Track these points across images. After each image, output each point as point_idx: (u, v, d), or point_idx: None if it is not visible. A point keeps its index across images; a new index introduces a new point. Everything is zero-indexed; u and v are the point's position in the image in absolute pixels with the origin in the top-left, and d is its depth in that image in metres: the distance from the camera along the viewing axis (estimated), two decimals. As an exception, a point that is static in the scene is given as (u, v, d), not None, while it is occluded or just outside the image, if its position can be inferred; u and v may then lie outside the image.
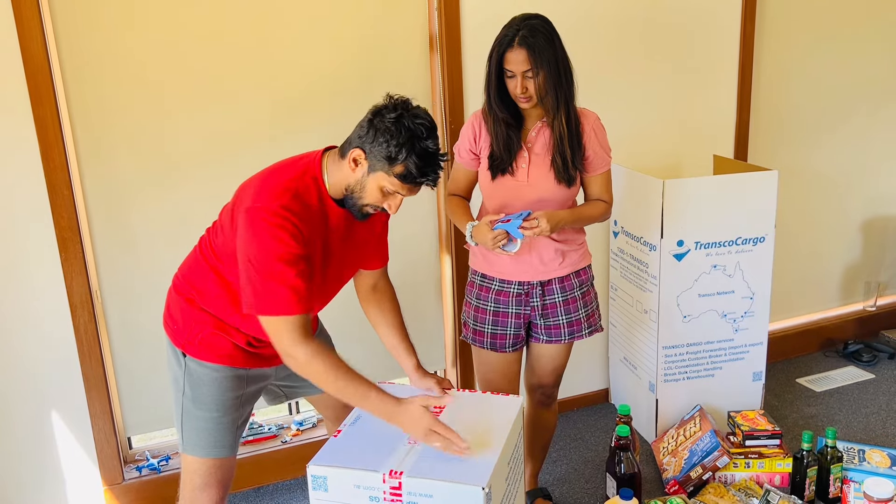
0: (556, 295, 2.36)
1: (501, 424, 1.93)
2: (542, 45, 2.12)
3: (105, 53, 2.45)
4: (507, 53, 2.14)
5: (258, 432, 2.95)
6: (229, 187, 2.48)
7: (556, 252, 2.33)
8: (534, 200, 2.26)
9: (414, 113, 1.75)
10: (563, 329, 2.39)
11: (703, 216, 2.87)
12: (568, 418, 3.31)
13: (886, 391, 3.45)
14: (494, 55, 2.17)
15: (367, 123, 1.76)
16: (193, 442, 1.96)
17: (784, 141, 3.55)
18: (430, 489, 1.69)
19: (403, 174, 1.74)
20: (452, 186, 2.38)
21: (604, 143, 2.32)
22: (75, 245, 2.49)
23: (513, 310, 2.37)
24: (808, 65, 3.51)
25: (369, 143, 1.75)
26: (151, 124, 2.54)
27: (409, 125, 1.72)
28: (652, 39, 3.12)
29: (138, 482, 2.75)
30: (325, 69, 2.69)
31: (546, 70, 2.13)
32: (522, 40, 2.11)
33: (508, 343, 2.40)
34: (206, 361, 1.93)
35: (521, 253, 2.24)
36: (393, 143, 1.72)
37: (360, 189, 1.79)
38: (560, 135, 2.22)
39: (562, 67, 2.16)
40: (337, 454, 1.81)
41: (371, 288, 2.12)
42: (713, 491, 2.64)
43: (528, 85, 2.15)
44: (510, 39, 2.13)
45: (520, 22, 2.15)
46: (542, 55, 2.11)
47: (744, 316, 3.01)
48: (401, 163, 1.73)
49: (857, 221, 3.84)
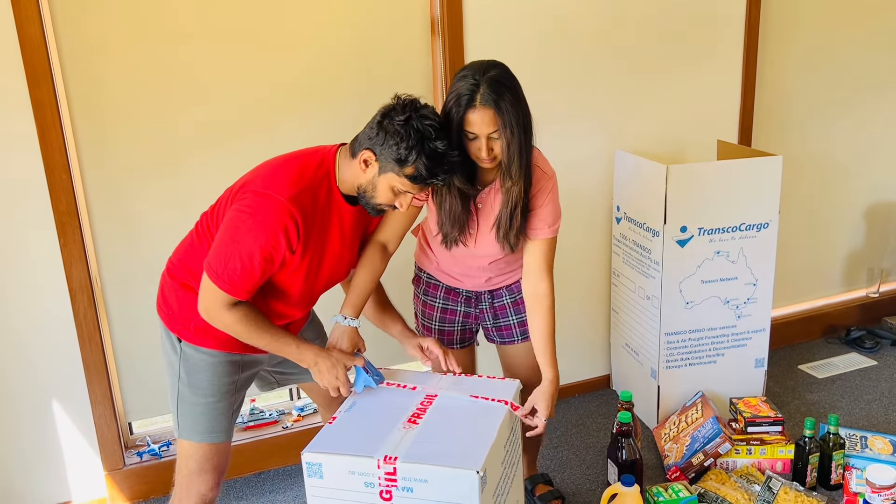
0: (505, 297, 2.32)
1: (497, 408, 1.92)
2: (508, 102, 1.87)
3: (103, 35, 2.43)
4: (468, 114, 1.87)
5: (259, 418, 2.95)
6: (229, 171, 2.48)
7: (505, 268, 2.26)
8: (479, 265, 2.19)
9: (423, 114, 1.76)
10: (515, 329, 2.35)
11: (707, 202, 2.85)
12: (569, 404, 3.30)
13: (889, 378, 3.43)
14: (455, 117, 1.88)
15: (377, 125, 1.78)
16: (189, 427, 1.97)
17: (788, 127, 3.53)
18: (425, 474, 1.69)
19: (414, 175, 1.77)
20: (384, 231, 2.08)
21: (557, 210, 2.11)
22: (74, 230, 2.48)
23: (461, 308, 2.33)
24: (813, 50, 3.48)
25: (379, 145, 1.77)
26: (151, 109, 2.53)
27: (418, 127, 1.74)
28: (656, 25, 3.09)
29: (139, 467, 2.76)
30: (325, 54, 2.67)
31: (514, 131, 1.89)
32: (486, 99, 1.85)
33: (456, 339, 2.37)
34: (203, 347, 1.93)
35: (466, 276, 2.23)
36: (403, 146, 1.74)
37: (372, 189, 1.82)
38: (514, 202, 2.00)
39: (528, 126, 1.93)
40: (331, 441, 1.80)
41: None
42: (715, 477, 2.63)
43: (493, 146, 1.91)
44: (470, 98, 1.86)
45: (479, 74, 1.88)
46: (509, 114, 1.87)
47: (746, 302, 3.00)
48: (411, 164, 1.76)
49: (861, 208, 3.81)
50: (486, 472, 1.69)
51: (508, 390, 2.00)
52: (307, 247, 1.83)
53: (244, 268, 1.76)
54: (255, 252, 1.75)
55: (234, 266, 1.76)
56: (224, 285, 1.78)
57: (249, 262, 1.76)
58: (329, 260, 1.92)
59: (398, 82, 2.77)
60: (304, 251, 1.83)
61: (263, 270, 1.79)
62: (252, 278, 1.79)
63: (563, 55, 2.97)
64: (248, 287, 1.80)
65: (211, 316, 1.83)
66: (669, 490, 2.49)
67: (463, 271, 2.25)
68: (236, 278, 1.77)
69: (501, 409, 1.92)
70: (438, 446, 1.75)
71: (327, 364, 1.94)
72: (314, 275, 1.91)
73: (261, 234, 1.74)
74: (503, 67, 1.93)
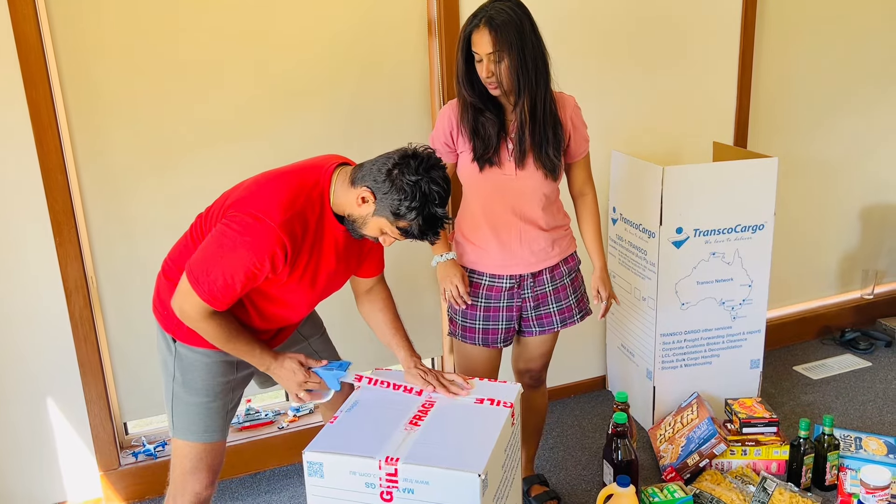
0: (547, 285, 2.34)
1: (499, 411, 1.92)
2: (507, 26, 2.04)
3: (101, 36, 2.42)
4: (472, 34, 2.08)
5: (255, 418, 2.94)
6: (226, 171, 2.48)
7: (547, 241, 2.31)
8: (520, 193, 2.23)
9: (433, 177, 1.76)
10: (555, 317, 2.38)
11: (703, 203, 2.86)
12: (565, 405, 3.31)
13: (883, 379, 3.45)
14: (462, 36, 2.12)
15: (386, 174, 1.76)
16: (184, 427, 1.96)
17: (784, 128, 3.54)
18: (427, 476, 1.68)
19: (405, 229, 1.80)
20: None
21: (582, 128, 2.28)
22: (70, 230, 2.47)
23: (504, 303, 2.34)
24: (809, 52, 3.49)
25: (383, 192, 1.76)
26: (148, 108, 2.52)
27: (425, 190, 1.75)
28: (652, 25, 3.09)
29: (134, 468, 2.75)
30: (322, 54, 2.67)
31: (511, 53, 2.05)
32: (488, 21, 2.05)
33: (500, 338, 2.37)
34: (197, 346, 1.93)
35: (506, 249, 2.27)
36: (405, 203, 1.75)
37: (362, 223, 1.83)
38: (522, 122, 2.15)
39: (529, 52, 2.08)
40: (333, 441, 1.80)
41: (366, 291, 2.14)
42: (710, 478, 2.64)
43: (493, 69, 2.08)
44: (477, 20, 2.07)
45: (491, 3, 2.09)
46: (505, 37, 2.04)
47: (742, 303, 3.01)
48: (406, 221, 1.77)
49: (856, 209, 3.83)
50: (488, 475, 1.69)
51: (510, 393, 2.00)
52: (295, 267, 1.83)
53: (225, 283, 1.76)
54: (237, 271, 1.75)
55: (216, 279, 1.76)
56: (202, 294, 1.77)
57: (231, 279, 1.76)
58: (323, 275, 1.91)
59: (395, 83, 2.78)
60: (292, 270, 1.83)
61: (243, 287, 1.79)
62: (232, 293, 1.79)
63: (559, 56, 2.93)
64: (226, 301, 1.80)
65: (184, 314, 1.83)
66: (665, 491, 2.50)
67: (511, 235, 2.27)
68: (216, 291, 1.77)
69: (503, 412, 1.92)
70: (440, 448, 1.75)
71: (284, 371, 1.95)
72: (307, 288, 1.91)
73: (246, 256, 1.74)
74: (516, 1, 2.10)
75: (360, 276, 2.09)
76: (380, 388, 2.03)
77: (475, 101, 2.16)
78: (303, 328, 2.16)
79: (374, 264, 2.09)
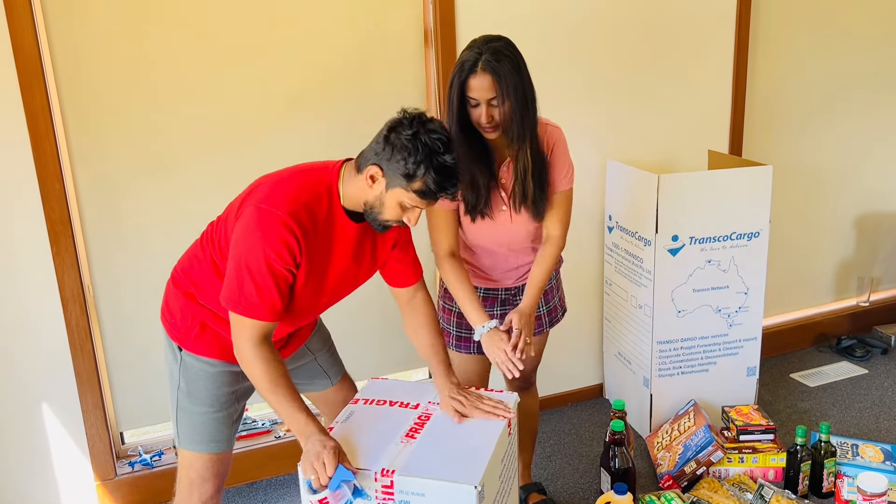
0: None
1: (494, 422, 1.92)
2: (508, 69, 1.95)
3: (97, 43, 2.42)
4: (469, 79, 1.96)
5: (251, 427, 2.94)
6: (223, 180, 2.48)
7: (533, 253, 2.30)
8: (514, 237, 2.22)
9: (430, 128, 1.73)
10: (544, 318, 2.40)
11: (698, 211, 2.86)
12: (562, 413, 3.31)
13: (879, 386, 3.45)
14: (456, 82, 1.99)
15: (384, 140, 1.74)
16: (188, 437, 1.95)
17: (779, 136, 3.55)
18: (423, 488, 1.68)
19: (422, 190, 1.73)
20: (441, 239, 2.18)
21: (560, 165, 2.18)
22: (67, 238, 2.47)
23: (498, 311, 2.34)
24: (804, 60, 3.50)
25: (386, 160, 1.73)
26: (144, 116, 2.52)
27: (426, 141, 1.70)
28: (647, 34, 3.11)
29: (131, 477, 2.74)
30: (318, 63, 2.68)
31: (513, 98, 1.97)
32: (487, 65, 1.94)
33: None
34: (202, 356, 1.92)
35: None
36: (411, 161, 1.70)
37: (380, 205, 1.78)
38: (524, 168, 2.08)
39: (528, 94, 2.02)
40: None
41: (407, 302, 2.09)
42: (707, 486, 2.64)
43: (493, 113, 1.98)
44: (472, 64, 1.95)
45: (482, 44, 1.98)
46: (508, 81, 1.95)
47: (738, 311, 3.01)
48: (419, 179, 1.72)
49: (851, 217, 3.84)
50: (484, 486, 1.69)
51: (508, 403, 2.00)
52: (309, 261, 1.80)
53: (257, 288, 1.72)
54: (262, 269, 1.72)
55: (249, 289, 1.72)
56: (245, 310, 1.74)
57: (262, 280, 1.72)
58: (333, 277, 1.88)
59: (392, 91, 2.79)
60: (305, 265, 1.81)
61: (277, 284, 1.74)
62: (270, 297, 1.74)
63: (554, 66, 2.98)
64: (268, 305, 1.74)
65: (238, 351, 1.78)
66: (662, 498, 2.50)
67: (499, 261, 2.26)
68: (254, 300, 1.73)
69: (499, 423, 1.92)
70: (436, 460, 1.75)
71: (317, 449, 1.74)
72: (316, 291, 1.87)
73: (263, 250, 1.71)
74: (507, 40, 2.02)
75: (397, 285, 2.05)
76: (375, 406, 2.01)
77: (468, 151, 2.05)
78: (311, 342, 2.14)
79: (409, 271, 2.04)
